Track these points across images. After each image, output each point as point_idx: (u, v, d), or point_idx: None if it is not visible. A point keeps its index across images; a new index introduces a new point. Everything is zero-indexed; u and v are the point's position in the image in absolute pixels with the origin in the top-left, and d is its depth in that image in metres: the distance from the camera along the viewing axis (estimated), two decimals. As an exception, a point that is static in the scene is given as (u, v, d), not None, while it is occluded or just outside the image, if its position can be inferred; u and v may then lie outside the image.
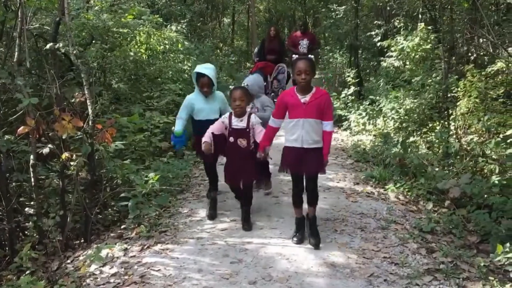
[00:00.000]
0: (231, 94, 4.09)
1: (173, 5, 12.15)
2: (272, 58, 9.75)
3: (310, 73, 3.66)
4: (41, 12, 5.65)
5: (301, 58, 3.68)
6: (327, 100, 3.76)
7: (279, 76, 9.81)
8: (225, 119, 4.17)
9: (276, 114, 3.91)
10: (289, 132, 3.83)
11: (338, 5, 13.52)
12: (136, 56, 6.72)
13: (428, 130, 6.59)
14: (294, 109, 3.75)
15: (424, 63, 8.18)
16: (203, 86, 4.39)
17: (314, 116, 3.70)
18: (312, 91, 3.73)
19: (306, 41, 9.86)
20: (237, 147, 4.15)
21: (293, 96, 3.75)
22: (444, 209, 4.83)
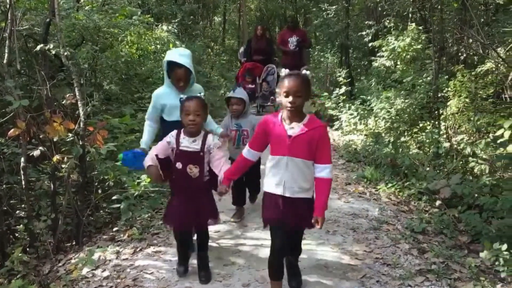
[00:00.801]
0: (182, 106, 3.05)
1: (164, 5, 12.10)
2: (259, 58, 9.46)
3: (302, 94, 2.67)
4: (31, 13, 5.59)
5: (290, 74, 2.73)
6: (322, 135, 2.73)
7: (269, 77, 9.47)
8: (171, 137, 3.10)
9: (253, 144, 2.93)
10: (270, 173, 2.85)
11: (329, 5, 13.54)
12: (127, 57, 6.68)
13: (419, 130, 6.63)
14: (277, 142, 2.79)
15: (415, 63, 8.23)
16: (179, 80, 3.45)
17: (303, 155, 2.73)
18: (304, 120, 2.74)
19: (296, 37, 9.32)
20: (186, 177, 3.08)
21: (277, 124, 2.77)
22: (435, 209, 4.87)
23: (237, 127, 4.11)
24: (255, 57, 9.54)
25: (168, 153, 3.12)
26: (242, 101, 4.06)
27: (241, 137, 4.13)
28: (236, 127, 4.11)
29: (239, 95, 4.05)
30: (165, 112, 3.59)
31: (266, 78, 9.53)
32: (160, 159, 3.08)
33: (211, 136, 3.13)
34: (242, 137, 4.13)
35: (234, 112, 4.08)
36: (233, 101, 4.06)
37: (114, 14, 6.61)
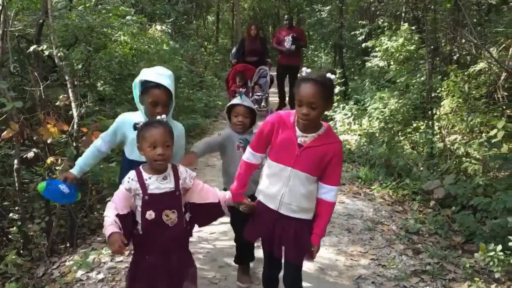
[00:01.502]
0: (141, 135, 2.31)
1: (157, 4, 12.06)
2: (253, 60, 8.84)
3: (318, 106, 2.20)
4: (23, 13, 5.55)
5: (307, 78, 2.22)
6: (337, 152, 2.34)
7: (261, 80, 8.91)
8: (132, 182, 2.30)
9: (258, 144, 2.50)
10: (267, 180, 2.46)
11: (322, 5, 13.57)
12: (121, 57, 6.65)
13: (413, 130, 6.66)
14: (283, 148, 2.37)
15: (408, 63, 8.26)
16: (156, 104, 2.58)
17: (310, 170, 2.33)
18: (319, 130, 2.33)
19: (292, 36, 8.90)
20: (161, 228, 2.33)
21: (289, 126, 2.35)
22: (429, 209, 4.90)
23: (244, 143, 3.10)
24: (248, 58, 8.94)
25: (130, 204, 2.34)
26: (251, 112, 3.11)
27: None
28: (242, 143, 3.11)
29: (250, 104, 3.11)
30: (127, 146, 2.74)
31: (258, 81, 8.99)
32: (121, 218, 2.27)
33: (182, 168, 2.43)
34: None
35: (239, 126, 3.07)
36: (240, 111, 3.07)
37: (107, 14, 6.57)
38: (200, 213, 2.51)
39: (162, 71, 2.69)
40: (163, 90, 2.59)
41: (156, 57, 7.99)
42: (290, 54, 8.87)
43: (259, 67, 8.80)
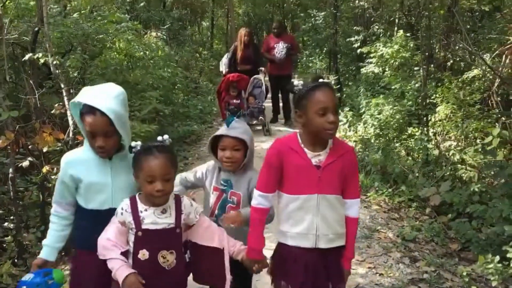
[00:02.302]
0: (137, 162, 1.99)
1: (152, 11, 12.06)
2: (246, 68, 8.25)
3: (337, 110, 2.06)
4: (19, 20, 5.53)
5: (322, 85, 2.02)
6: (353, 161, 2.17)
7: (255, 91, 8.34)
8: (125, 213, 1.99)
9: (268, 184, 2.14)
10: (291, 219, 2.12)
11: (317, 11, 13.63)
12: (117, 65, 6.64)
13: (408, 137, 6.69)
14: (300, 177, 2.08)
15: (403, 69, 8.30)
16: (93, 135, 2.03)
17: (335, 190, 2.10)
18: (328, 144, 2.10)
19: (283, 44, 8.40)
20: (155, 271, 2.00)
21: (297, 151, 2.08)
22: (425, 216, 4.92)
23: (225, 186, 2.42)
24: (241, 67, 8.29)
25: (127, 239, 2.02)
26: (243, 144, 2.37)
27: (225, 205, 2.40)
28: (222, 186, 2.42)
29: (240, 134, 2.35)
30: (81, 193, 2.11)
31: (253, 92, 8.32)
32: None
33: (186, 200, 2.10)
34: (227, 205, 2.40)
35: (227, 163, 2.36)
36: (228, 143, 2.35)
37: (102, 21, 6.56)
38: (199, 257, 2.14)
39: (104, 89, 2.07)
40: (100, 116, 1.96)
41: (151, 64, 8.00)
42: (282, 64, 8.44)
43: (253, 77, 8.21)
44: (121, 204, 2.03)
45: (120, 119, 2.00)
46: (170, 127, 8.04)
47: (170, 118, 8.23)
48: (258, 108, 8.18)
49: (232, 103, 8.10)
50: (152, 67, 8.18)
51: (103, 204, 2.09)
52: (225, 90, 8.16)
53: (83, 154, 2.13)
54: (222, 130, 2.39)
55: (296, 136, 2.13)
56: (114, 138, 2.03)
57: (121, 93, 2.07)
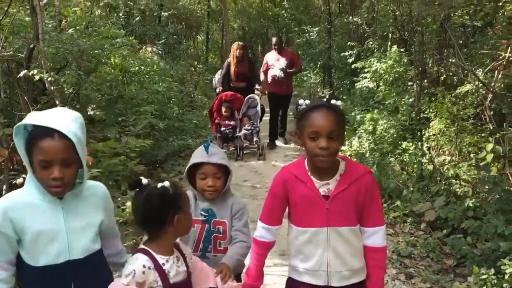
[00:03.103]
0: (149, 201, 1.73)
1: (148, 25, 12.13)
2: (241, 86, 7.81)
3: (338, 135, 1.83)
4: (14, 36, 5.54)
5: (319, 105, 1.87)
6: (370, 185, 1.91)
7: (250, 111, 7.85)
8: (148, 270, 1.69)
9: (272, 215, 2.01)
10: (300, 254, 1.95)
11: (310, 25, 13.76)
12: (112, 81, 6.65)
13: (402, 151, 6.72)
14: (307, 208, 1.91)
15: (397, 84, 8.37)
16: (47, 165, 1.62)
17: (349, 221, 1.90)
18: (339, 169, 1.91)
19: (284, 60, 7.95)
20: None
21: (303, 180, 1.91)
22: (420, 232, 4.91)
23: (207, 216, 2.23)
24: (234, 84, 7.81)
25: None
26: (223, 170, 2.22)
27: (211, 237, 2.22)
28: (203, 216, 2.23)
29: (221, 160, 2.21)
30: (26, 246, 1.67)
31: (247, 112, 7.82)
32: None
33: (182, 245, 1.93)
34: (213, 236, 2.23)
35: (209, 192, 2.21)
36: (209, 170, 2.19)
37: (98, 36, 6.59)
38: None
39: (59, 112, 1.72)
40: (59, 139, 1.59)
41: (147, 79, 8.01)
42: (282, 82, 7.98)
43: (247, 96, 7.68)
44: (135, 262, 1.70)
45: (82, 144, 1.65)
46: (165, 141, 8.03)
47: (165, 133, 8.23)
48: (252, 130, 7.64)
49: (224, 124, 7.69)
50: (148, 82, 8.20)
51: (57, 256, 1.67)
52: (217, 110, 7.71)
53: (25, 197, 1.69)
54: (200, 156, 2.20)
55: (304, 162, 1.95)
56: (73, 169, 1.66)
57: (79, 116, 1.72)
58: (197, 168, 2.21)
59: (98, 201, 1.83)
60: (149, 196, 1.72)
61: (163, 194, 1.73)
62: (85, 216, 1.76)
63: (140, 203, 1.74)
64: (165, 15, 12.77)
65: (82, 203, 1.77)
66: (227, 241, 2.22)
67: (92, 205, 1.80)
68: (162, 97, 8.66)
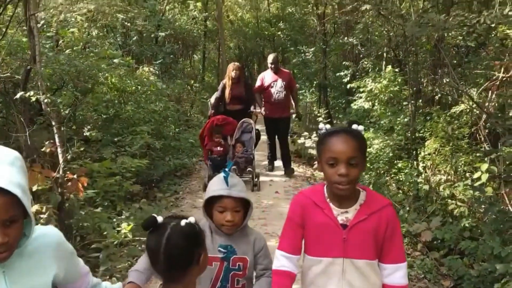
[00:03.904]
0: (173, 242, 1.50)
1: (145, 45, 12.23)
2: (237, 108, 7.32)
3: (358, 162, 1.73)
4: (11, 58, 5.58)
5: (337, 131, 1.79)
6: (391, 219, 1.82)
7: (244, 136, 7.21)
8: None
9: (291, 242, 1.90)
10: (313, 285, 1.87)
11: (306, 45, 13.91)
12: (109, 102, 6.68)
13: (398, 171, 6.74)
14: (322, 236, 1.82)
15: (392, 103, 8.43)
16: None
17: (367, 254, 1.80)
18: (360, 198, 1.82)
19: (281, 82, 7.39)
20: None
21: (321, 206, 1.82)
22: (417, 252, 4.89)
23: (226, 253, 2.07)
24: (230, 107, 7.37)
25: None
26: (243, 203, 2.05)
27: (229, 275, 2.07)
28: (222, 253, 2.07)
29: (241, 193, 2.03)
30: None
31: (241, 138, 7.17)
32: None
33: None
34: (231, 273, 2.07)
35: (228, 228, 2.04)
36: (228, 204, 2.01)
37: (95, 57, 6.63)
38: None
39: None
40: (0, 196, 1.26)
41: (143, 98, 8.04)
42: (280, 104, 7.46)
43: (241, 120, 7.12)
44: None
45: (26, 192, 1.32)
46: (161, 161, 8.03)
47: (161, 152, 8.23)
48: (246, 158, 6.93)
49: (215, 151, 7.04)
50: (144, 101, 8.23)
51: None
52: (208, 135, 7.14)
53: None
54: (220, 188, 2.01)
55: (323, 188, 1.86)
56: (19, 225, 1.32)
57: (17, 157, 1.37)
58: (215, 200, 2.03)
59: (48, 253, 1.46)
60: (174, 237, 1.50)
61: (189, 233, 1.53)
62: (32, 277, 1.42)
63: (161, 245, 1.48)
64: (162, 35, 12.89)
65: (28, 262, 1.41)
66: (245, 278, 2.09)
67: (41, 261, 1.44)
68: (159, 116, 8.69)
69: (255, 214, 5.78)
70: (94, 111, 6.13)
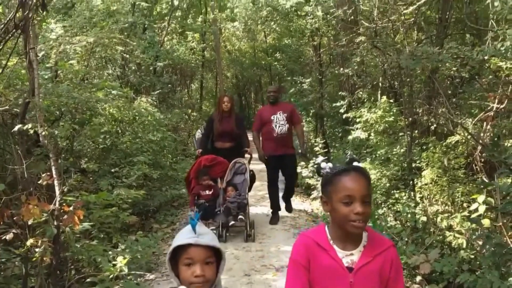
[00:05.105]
0: None
1: (143, 76, 12.36)
2: (227, 146, 6.41)
3: (370, 199, 1.77)
4: (9, 89, 5.62)
5: (346, 169, 1.76)
6: (395, 260, 1.81)
7: (237, 179, 6.36)
8: None
9: (295, 282, 1.80)
10: None
11: (302, 75, 14.09)
12: (106, 133, 6.71)
13: (395, 202, 6.73)
14: (328, 281, 1.77)
15: (388, 133, 8.49)
16: None
17: None
18: (363, 239, 1.78)
19: (282, 114, 6.52)
20: None
21: (325, 249, 1.78)
22: (416, 285, 4.84)
23: None
24: (219, 145, 6.46)
25: None
26: (214, 255, 1.74)
27: None
28: None
29: (212, 241, 1.72)
30: None
31: (233, 180, 6.33)
32: None
33: None
34: None
35: (199, 285, 1.68)
36: (197, 254, 1.69)
37: (93, 89, 6.70)
38: None
39: None
40: None
41: (141, 129, 8.08)
42: (283, 139, 6.55)
43: (233, 160, 6.31)
44: None
45: None
46: (158, 191, 8.02)
47: (158, 182, 8.22)
48: (239, 203, 6.02)
49: (203, 195, 6.13)
50: (142, 132, 8.27)
51: None
52: (195, 178, 6.25)
53: None
54: (186, 237, 1.69)
55: (324, 229, 1.82)
56: None
57: None
58: (181, 252, 1.70)
59: None
60: None
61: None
62: None
63: None
64: (161, 65, 13.06)
65: None
66: None
67: None
68: (156, 146, 8.71)
69: (252, 246, 5.74)
70: (92, 142, 6.14)
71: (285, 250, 5.64)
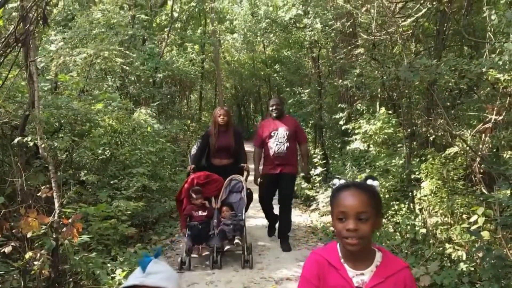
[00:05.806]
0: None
1: (143, 87, 12.40)
2: (225, 163, 5.98)
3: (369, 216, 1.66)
4: (9, 101, 5.64)
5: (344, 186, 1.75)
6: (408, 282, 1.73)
7: (232, 197, 5.89)
8: None
9: None
10: None
11: (301, 86, 14.15)
12: (105, 145, 6.72)
13: (395, 213, 6.72)
14: None
15: (387, 144, 8.50)
16: None
17: None
18: (376, 259, 1.74)
19: (284, 130, 5.99)
20: None
21: (336, 267, 1.75)
22: (416, 298, 4.83)
23: None
24: (216, 161, 6.01)
25: None
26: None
27: None
28: None
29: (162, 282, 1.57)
30: None
31: (229, 199, 5.86)
32: None
33: None
34: None
35: None
36: None
37: (93, 101, 6.72)
38: None
39: None
40: None
41: (140, 140, 8.09)
42: (280, 159, 6.02)
43: (229, 178, 5.84)
44: None
45: None
46: (157, 202, 8.00)
47: (157, 194, 8.21)
48: (235, 225, 5.49)
49: (196, 216, 5.59)
50: (141, 143, 8.28)
51: None
52: (187, 197, 5.75)
53: None
54: (134, 277, 1.59)
55: (336, 247, 1.78)
56: None
57: None
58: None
59: None
60: None
61: None
62: None
63: None
64: (160, 77, 13.11)
65: None
66: None
67: None
68: (155, 158, 8.71)
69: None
70: (91, 154, 6.14)
71: (285, 262, 5.63)
